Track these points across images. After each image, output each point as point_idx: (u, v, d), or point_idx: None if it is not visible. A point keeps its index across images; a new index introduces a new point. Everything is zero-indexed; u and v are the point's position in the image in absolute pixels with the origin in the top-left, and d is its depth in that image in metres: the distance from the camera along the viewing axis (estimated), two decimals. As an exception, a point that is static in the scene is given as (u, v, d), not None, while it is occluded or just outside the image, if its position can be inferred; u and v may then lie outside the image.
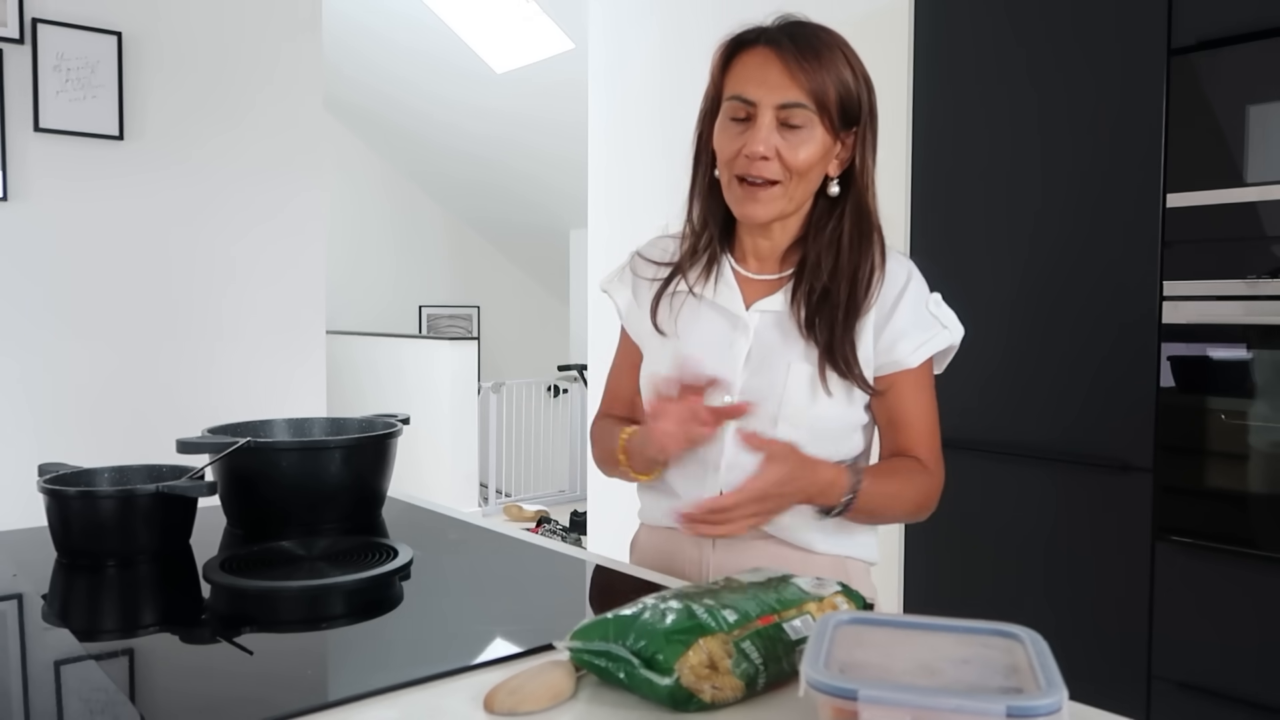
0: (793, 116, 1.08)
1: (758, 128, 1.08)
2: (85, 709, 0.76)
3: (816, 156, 1.10)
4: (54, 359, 2.49)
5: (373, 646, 0.92)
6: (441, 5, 5.55)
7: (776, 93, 1.08)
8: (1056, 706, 0.59)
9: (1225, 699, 1.68)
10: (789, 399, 1.11)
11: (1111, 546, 1.83)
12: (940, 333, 1.15)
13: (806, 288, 1.13)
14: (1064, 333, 1.88)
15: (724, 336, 1.16)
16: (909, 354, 1.13)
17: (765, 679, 0.78)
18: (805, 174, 1.10)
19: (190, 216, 2.70)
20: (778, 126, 1.09)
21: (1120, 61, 1.81)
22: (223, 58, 2.74)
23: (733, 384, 1.14)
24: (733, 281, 1.19)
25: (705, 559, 1.19)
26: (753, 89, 1.09)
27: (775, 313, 1.15)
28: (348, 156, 7.46)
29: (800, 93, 1.07)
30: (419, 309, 7.92)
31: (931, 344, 1.14)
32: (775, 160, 1.09)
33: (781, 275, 1.18)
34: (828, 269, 1.12)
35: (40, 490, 1.18)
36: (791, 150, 1.08)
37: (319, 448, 1.36)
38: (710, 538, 1.15)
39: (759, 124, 1.08)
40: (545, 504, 6.39)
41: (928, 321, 1.14)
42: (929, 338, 1.14)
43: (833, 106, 1.09)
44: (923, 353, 1.13)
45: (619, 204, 3.45)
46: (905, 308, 1.13)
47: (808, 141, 1.09)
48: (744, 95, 1.10)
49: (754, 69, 1.10)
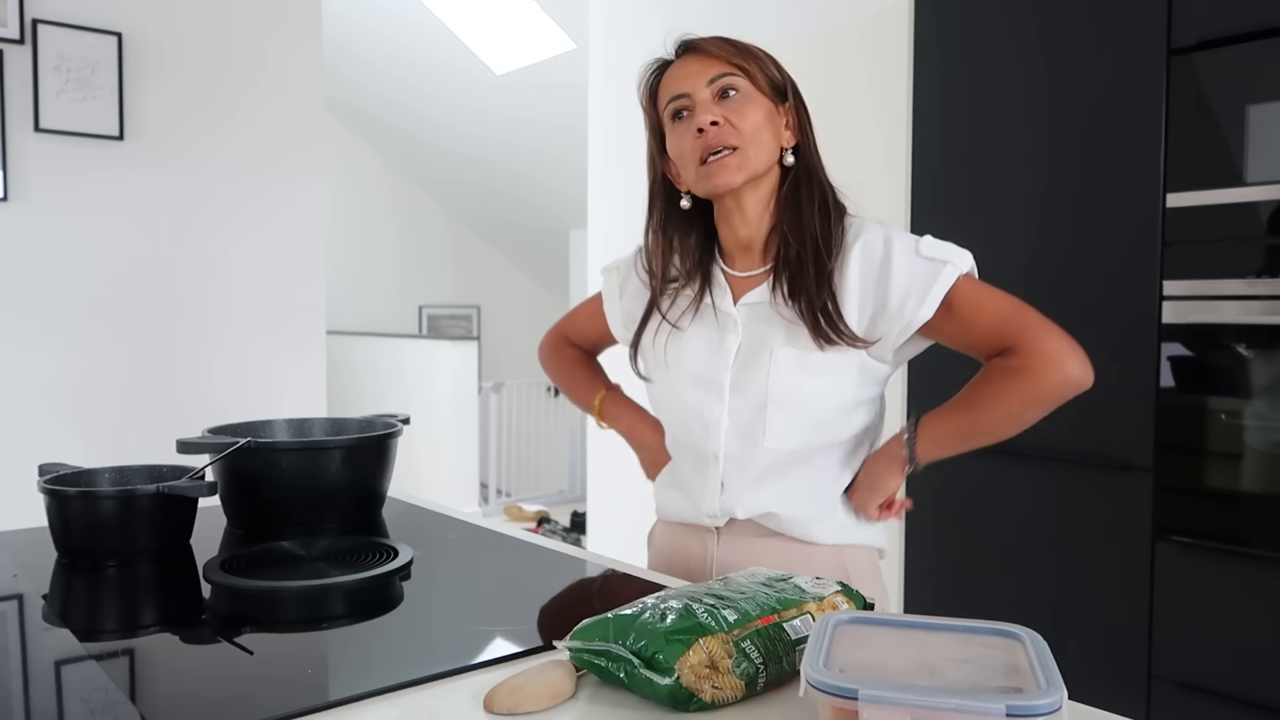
0: (727, 85, 1.14)
1: (697, 104, 1.14)
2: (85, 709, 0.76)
3: (761, 116, 1.15)
4: (54, 359, 2.49)
5: (373, 646, 0.92)
6: (441, 6, 5.55)
7: (704, 74, 1.15)
8: (1056, 706, 0.59)
9: (1225, 699, 1.68)
10: (775, 383, 1.14)
11: (1111, 546, 1.83)
12: (942, 271, 1.12)
13: (781, 260, 1.17)
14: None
15: (715, 337, 1.21)
16: (917, 309, 1.12)
17: (765, 679, 0.78)
18: (757, 134, 1.14)
19: (190, 216, 2.70)
20: (716, 100, 1.14)
21: (1120, 61, 1.81)
22: (223, 58, 2.75)
23: (723, 382, 1.18)
24: (724, 282, 1.23)
25: (710, 554, 1.24)
26: (680, 83, 1.16)
27: (758, 304, 1.19)
28: (348, 157, 7.46)
29: (724, 64, 1.15)
30: (419, 309, 7.92)
31: (937, 288, 1.12)
32: (724, 125, 1.13)
33: (765, 269, 1.20)
34: (795, 237, 1.16)
35: (40, 490, 1.18)
36: (738, 113, 1.14)
37: (319, 448, 1.36)
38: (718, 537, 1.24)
39: (697, 101, 1.15)
40: (545, 504, 6.39)
41: (925, 270, 1.12)
42: (932, 283, 1.12)
43: (758, 74, 1.15)
44: (932, 301, 1.12)
45: (619, 204, 3.45)
46: (897, 270, 1.12)
47: (748, 103, 1.14)
48: (676, 92, 1.16)
49: (677, 71, 1.18)
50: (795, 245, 1.15)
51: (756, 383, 1.15)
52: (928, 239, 1.14)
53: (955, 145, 2.08)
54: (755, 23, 2.85)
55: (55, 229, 2.48)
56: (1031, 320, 1.10)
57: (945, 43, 2.10)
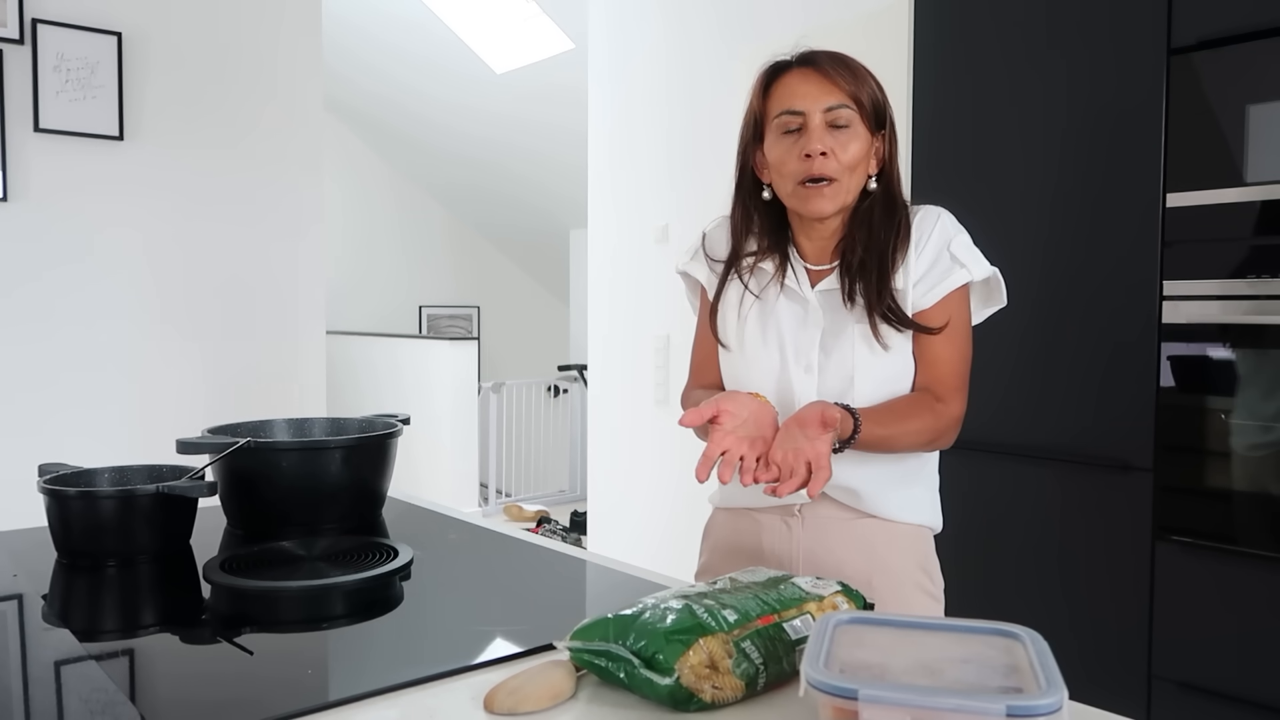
0: (839, 117, 1.20)
1: (811, 131, 1.20)
2: (85, 709, 0.76)
3: (862, 152, 1.22)
4: (54, 358, 2.49)
5: (373, 646, 0.92)
6: (441, 6, 5.55)
7: (822, 99, 1.21)
8: (1056, 706, 0.59)
9: (1225, 699, 1.68)
10: (859, 358, 1.23)
11: (1112, 546, 1.83)
12: (955, 272, 1.23)
13: (845, 264, 1.25)
14: (1064, 332, 1.88)
15: (801, 313, 1.27)
16: (923, 296, 1.22)
17: (765, 679, 0.78)
18: (855, 168, 1.22)
19: (190, 216, 2.70)
20: (826, 128, 1.20)
21: (1120, 61, 1.81)
22: (222, 58, 2.75)
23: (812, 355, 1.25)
24: (800, 267, 1.30)
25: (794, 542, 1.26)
26: (799, 101, 1.21)
27: (832, 291, 1.27)
28: (348, 157, 7.46)
29: (843, 95, 1.21)
30: (419, 309, 7.92)
31: (944, 285, 1.22)
32: (831, 157, 1.20)
33: (832, 265, 1.29)
34: (862, 244, 1.24)
35: (40, 490, 1.18)
36: (842, 148, 1.21)
37: (319, 448, 1.36)
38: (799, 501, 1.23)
39: (811, 127, 1.20)
40: (545, 504, 6.39)
41: (945, 264, 1.23)
42: (942, 279, 1.23)
43: (866, 103, 1.22)
44: (935, 294, 1.22)
45: (619, 204, 3.45)
46: (926, 255, 1.23)
47: (854, 139, 1.21)
48: (793, 108, 1.22)
49: (797, 85, 1.23)
50: (861, 253, 1.24)
51: (844, 357, 1.23)
52: (964, 240, 1.25)
53: (955, 145, 2.08)
54: (755, 22, 2.85)
55: (55, 229, 2.48)
56: (960, 382, 1.25)
57: (945, 42, 2.10)
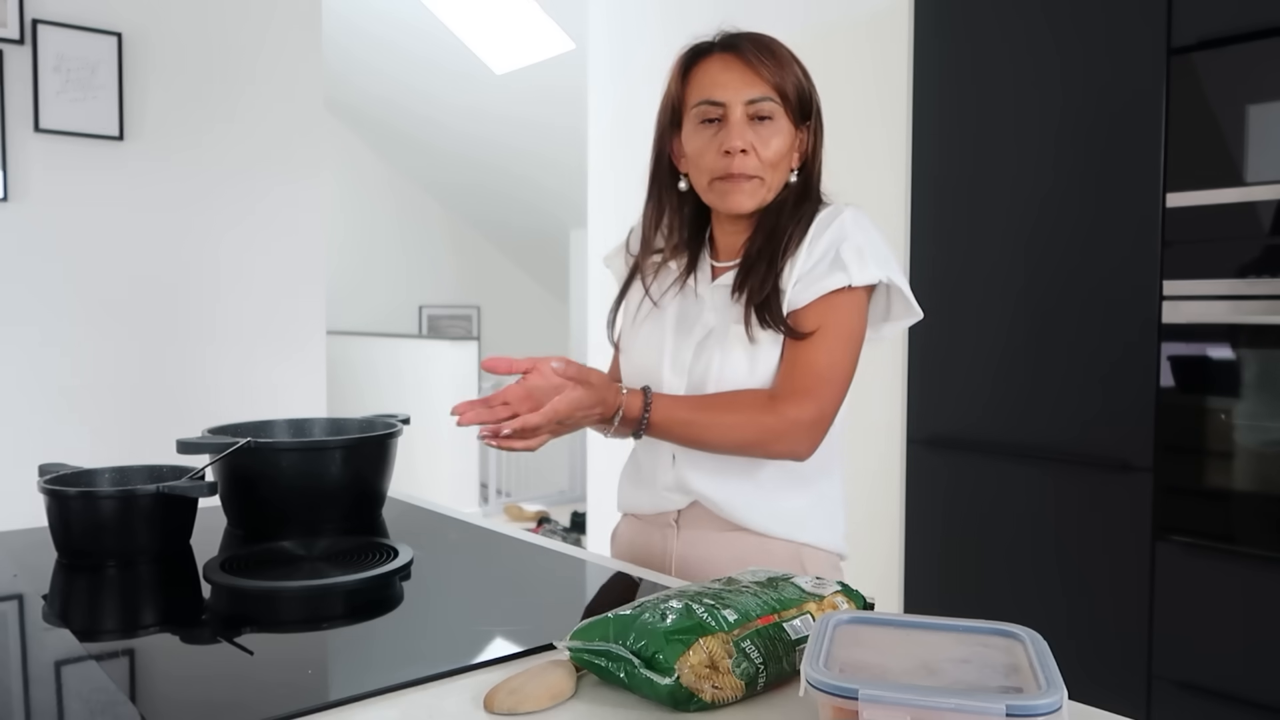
0: (761, 110, 1.14)
1: (731, 125, 1.14)
2: (85, 709, 0.76)
3: (786, 147, 1.17)
4: (54, 359, 2.49)
5: (373, 646, 0.92)
6: (441, 6, 5.55)
7: (745, 90, 1.14)
8: (1056, 706, 0.59)
9: (1225, 699, 1.68)
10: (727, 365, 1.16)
11: (1112, 546, 1.83)
12: (833, 275, 1.13)
13: (745, 258, 1.19)
14: (1064, 332, 1.88)
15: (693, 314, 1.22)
16: (799, 295, 1.14)
17: (765, 679, 0.78)
18: (777, 164, 1.16)
19: (190, 216, 2.70)
20: (748, 121, 1.14)
21: (1120, 61, 1.81)
22: (222, 58, 2.75)
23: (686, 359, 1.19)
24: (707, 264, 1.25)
25: (669, 549, 1.25)
26: (720, 91, 1.15)
27: (725, 287, 1.21)
28: (348, 157, 7.46)
29: (766, 86, 1.15)
30: (419, 309, 7.92)
31: (819, 286, 1.13)
32: (752, 154, 1.14)
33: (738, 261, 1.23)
34: (763, 238, 1.18)
35: (40, 490, 1.18)
36: (764, 143, 1.15)
37: (319, 448, 1.36)
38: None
39: (731, 121, 1.14)
40: (545, 504, 6.39)
41: (826, 265, 1.14)
42: (819, 280, 1.13)
43: (793, 99, 1.16)
44: (809, 294, 1.13)
45: (619, 204, 3.45)
46: (815, 253, 1.15)
47: (777, 133, 1.15)
48: (713, 98, 1.15)
49: (718, 73, 1.16)
50: (761, 243, 1.18)
51: (712, 363, 1.17)
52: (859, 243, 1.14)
53: (955, 145, 2.08)
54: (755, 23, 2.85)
55: (55, 229, 2.48)
56: (817, 385, 1.11)
57: (945, 42, 2.10)
